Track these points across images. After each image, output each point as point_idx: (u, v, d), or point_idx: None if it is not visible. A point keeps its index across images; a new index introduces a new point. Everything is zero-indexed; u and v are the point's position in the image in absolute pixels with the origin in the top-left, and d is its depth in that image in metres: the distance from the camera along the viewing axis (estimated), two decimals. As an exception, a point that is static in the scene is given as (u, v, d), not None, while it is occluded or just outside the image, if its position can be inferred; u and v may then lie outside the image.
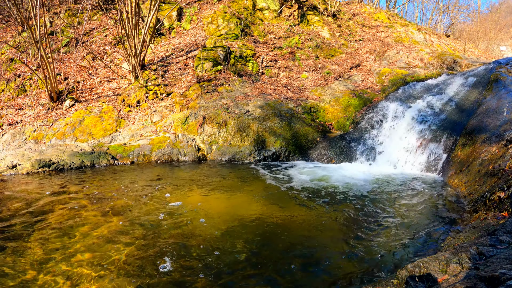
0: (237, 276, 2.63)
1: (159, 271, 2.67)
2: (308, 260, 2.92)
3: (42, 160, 6.14)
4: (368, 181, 5.45)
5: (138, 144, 7.19)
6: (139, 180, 5.44)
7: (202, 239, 3.24)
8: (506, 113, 5.81)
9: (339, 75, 10.23)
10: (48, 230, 3.46)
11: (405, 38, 13.36)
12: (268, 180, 5.47)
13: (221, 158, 7.07)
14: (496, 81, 7.00)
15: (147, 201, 4.36)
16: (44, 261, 2.83)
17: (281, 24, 12.40)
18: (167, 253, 2.95)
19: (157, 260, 2.83)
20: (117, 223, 3.63)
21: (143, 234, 3.35)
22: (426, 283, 1.97)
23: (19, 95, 9.19)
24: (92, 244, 3.14)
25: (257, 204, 4.31)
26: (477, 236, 2.74)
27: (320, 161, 6.92)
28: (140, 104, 8.60)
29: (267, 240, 3.29)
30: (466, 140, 5.85)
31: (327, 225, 3.68)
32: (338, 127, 8.10)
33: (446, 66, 10.18)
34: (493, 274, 1.63)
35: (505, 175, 3.92)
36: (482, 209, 3.62)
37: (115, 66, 9.82)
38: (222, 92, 8.62)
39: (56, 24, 11.34)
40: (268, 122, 7.47)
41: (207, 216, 3.83)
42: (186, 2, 12.86)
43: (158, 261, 2.82)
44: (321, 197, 4.62)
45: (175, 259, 2.86)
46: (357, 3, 16.87)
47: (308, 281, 2.61)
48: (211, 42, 10.69)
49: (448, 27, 20.07)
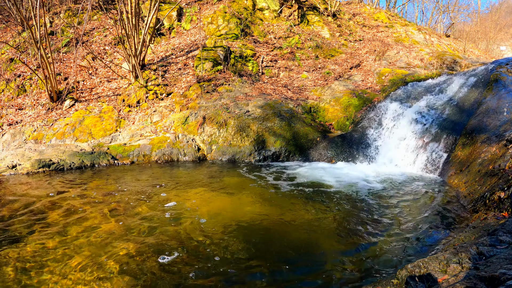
0: (236, 278, 2.63)
1: (159, 266, 2.67)
2: (307, 259, 2.92)
3: (42, 160, 6.14)
4: (368, 181, 5.45)
5: (138, 144, 7.19)
6: (139, 180, 5.44)
7: (202, 239, 3.24)
8: (506, 113, 5.81)
9: (339, 75, 10.23)
10: (48, 229, 3.46)
11: (405, 38, 13.36)
12: (268, 180, 5.47)
13: (221, 158, 7.07)
14: (496, 81, 7.00)
15: (147, 201, 4.36)
16: (44, 261, 2.83)
17: (281, 24, 12.40)
18: (166, 252, 2.94)
19: (157, 258, 2.83)
20: (117, 222, 3.63)
21: (143, 233, 3.35)
22: (426, 283, 1.97)
23: (19, 95, 9.19)
24: (92, 243, 3.14)
25: (257, 203, 4.31)
26: (477, 236, 2.73)
27: (320, 161, 6.92)
28: (140, 104, 8.60)
29: (266, 239, 3.29)
30: (466, 140, 5.85)
31: (327, 225, 3.68)
32: (338, 127, 8.10)
33: (446, 66, 10.18)
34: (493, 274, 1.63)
35: (505, 175, 3.92)
36: (482, 209, 3.62)
37: (115, 66, 9.82)
38: (222, 92, 8.62)
39: (56, 24, 11.34)
40: (268, 122, 7.47)
41: (207, 216, 3.83)
42: (186, 2, 12.86)
43: (158, 259, 2.82)
44: (321, 197, 4.62)
45: (175, 258, 2.86)
46: (357, 3, 16.87)
47: (307, 281, 2.61)
48: (211, 42, 10.69)
49: (448, 27, 20.08)
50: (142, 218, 3.78)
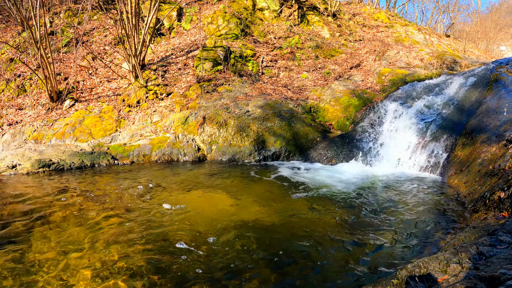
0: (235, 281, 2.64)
1: (159, 268, 2.67)
2: (307, 259, 2.92)
3: (42, 160, 6.14)
4: (368, 181, 5.45)
5: (138, 144, 7.19)
6: (139, 180, 5.44)
7: (202, 238, 3.24)
8: (506, 113, 5.81)
9: (339, 75, 10.23)
10: (48, 229, 3.46)
11: (405, 38, 13.36)
12: (268, 180, 5.47)
13: (221, 158, 7.07)
14: (496, 81, 7.00)
15: (147, 201, 4.36)
16: (43, 261, 2.83)
17: (281, 24, 12.40)
18: (166, 251, 2.95)
19: (158, 255, 2.84)
20: (117, 222, 3.63)
21: (143, 233, 3.35)
22: (426, 283, 1.97)
23: (19, 95, 9.19)
24: (92, 243, 3.14)
25: (256, 203, 4.31)
26: (477, 236, 2.73)
27: (320, 161, 6.92)
28: (140, 104, 8.60)
29: (266, 238, 3.29)
30: (466, 140, 5.85)
31: (326, 225, 3.68)
32: (338, 127, 8.10)
33: (446, 66, 10.18)
34: (493, 274, 1.63)
35: (505, 175, 3.92)
36: (482, 209, 3.62)
37: (115, 66, 9.82)
38: (222, 92, 8.62)
39: (56, 24, 11.34)
40: (268, 122, 7.47)
41: (207, 215, 3.83)
42: (186, 2, 12.86)
43: (158, 257, 2.82)
44: (321, 197, 4.63)
45: (174, 257, 2.86)
46: (357, 3, 16.87)
47: (307, 281, 2.61)
48: (211, 42, 10.69)
49: (448, 27, 20.07)
50: (142, 217, 3.78)
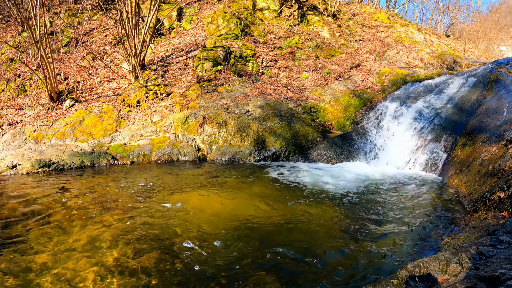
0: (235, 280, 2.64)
1: (159, 267, 2.68)
2: (307, 260, 2.92)
3: (42, 160, 6.14)
4: (368, 181, 5.45)
5: (138, 144, 7.19)
6: (139, 179, 5.44)
7: (202, 238, 3.24)
8: (506, 113, 5.81)
9: (339, 75, 10.23)
10: (48, 229, 3.46)
11: (405, 38, 13.36)
12: (268, 180, 5.47)
13: (221, 158, 7.07)
14: (496, 81, 7.00)
15: (147, 200, 4.36)
16: (44, 261, 2.83)
17: (281, 24, 12.40)
18: (167, 250, 2.94)
19: (158, 255, 2.83)
20: (117, 222, 3.63)
21: (144, 232, 3.35)
22: (426, 283, 1.97)
23: (19, 95, 9.19)
24: (93, 243, 3.14)
25: (256, 203, 4.31)
26: (477, 236, 2.73)
27: (320, 161, 6.92)
28: (140, 104, 8.60)
29: (265, 238, 3.29)
30: (466, 140, 5.85)
31: (326, 224, 3.68)
32: (338, 127, 8.10)
33: (446, 66, 10.18)
34: (493, 274, 1.63)
35: (505, 175, 3.92)
36: (482, 209, 3.62)
37: (115, 66, 9.82)
38: (222, 92, 8.62)
39: (56, 24, 11.34)
40: (268, 122, 7.47)
41: (207, 215, 3.83)
42: (186, 2, 12.86)
43: (159, 256, 2.82)
44: (321, 197, 4.62)
45: (175, 256, 2.86)
46: (357, 3, 16.87)
47: (307, 281, 2.61)
48: (211, 42, 10.69)
49: (448, 27, 20.08)
50: (142, 217, 3.78)
